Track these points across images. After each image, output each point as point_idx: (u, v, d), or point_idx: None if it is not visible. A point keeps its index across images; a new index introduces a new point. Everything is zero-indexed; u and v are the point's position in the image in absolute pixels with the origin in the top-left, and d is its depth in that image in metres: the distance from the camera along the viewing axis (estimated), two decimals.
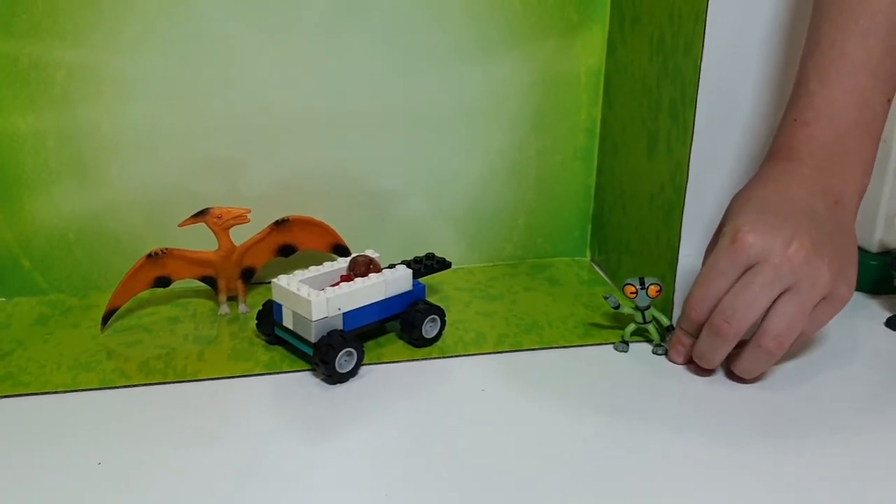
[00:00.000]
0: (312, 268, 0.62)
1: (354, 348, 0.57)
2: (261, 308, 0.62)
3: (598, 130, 0.75)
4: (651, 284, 0.60)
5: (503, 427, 0.52)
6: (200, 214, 0.64)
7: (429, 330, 0.61)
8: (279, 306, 0.60)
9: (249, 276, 0.68)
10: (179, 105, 0.67)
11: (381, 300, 0.61)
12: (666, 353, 0.60)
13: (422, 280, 0.65)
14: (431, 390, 0.57)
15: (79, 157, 0.67)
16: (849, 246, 0.58)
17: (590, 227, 0.78)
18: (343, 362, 0.57)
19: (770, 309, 0.54)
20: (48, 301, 0.69)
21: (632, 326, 0.62)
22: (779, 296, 0.54)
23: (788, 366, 0.60)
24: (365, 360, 0.59)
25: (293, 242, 0.69)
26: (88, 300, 0.69)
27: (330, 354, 0.56)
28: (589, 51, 0.72)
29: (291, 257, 0.69)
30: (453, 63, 0.70)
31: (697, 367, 0.58)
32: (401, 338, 0.63)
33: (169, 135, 0.68)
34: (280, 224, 0.67)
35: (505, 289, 0.72)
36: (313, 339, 0.57)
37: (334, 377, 0.57)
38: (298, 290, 0.58)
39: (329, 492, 0.46)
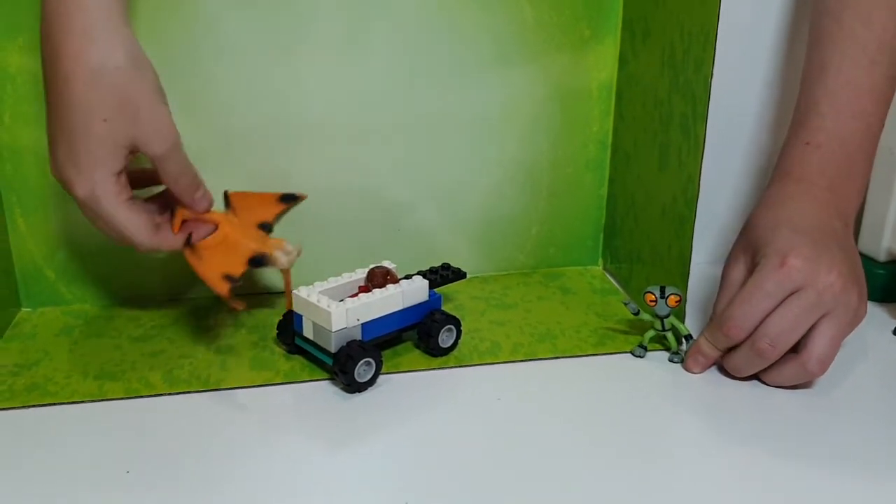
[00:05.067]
0: (331, 279, 0.63)
1: (373, 358, 0.58)
2: (281, 318, 0.63)
3: (609, 142, 0.76)
4: (671, 294, 0.61)
5: (519, 436, 0.53)
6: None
7: (445, 339, 0.63)
8: (299, 317, 0.61)
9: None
10: (197, 120, 0.68)
11: (399, 310, 0.62)
12: (682, 362, 0.62)
13: (437, 290, 0.66)
14: (448, 399, 0.58)
15: None
16: (860, 266, 0.60)
17: (602, 236, 0.80)
18: (362, 371, 0.58)
19: (811, 332, 0.56)
20: (72, 311, 0.71)
21: (651, 332, 0.63)
22: (818, 319, 0.56)
23: None
24: (383, 370, 0.60)
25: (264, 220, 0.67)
26: (111, 311, 0.70)
27: (349, 364, 0.57)
28: (601, 64, 0.74)
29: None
30: (468, 76, 0.72)
31: (712, 376, 0.60)
32: (417, 347, 0.64)
33: (188, 148, 0.69)
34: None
35: (518, 298, 0.73)
36: (333, 349, 0.58)
37: (353, 386, 0.58)
38: (318, 301, 0.59)
39: (349, 499, 0.47)
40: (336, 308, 0.58)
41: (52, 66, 0.55)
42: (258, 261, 0.61)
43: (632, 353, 0.64)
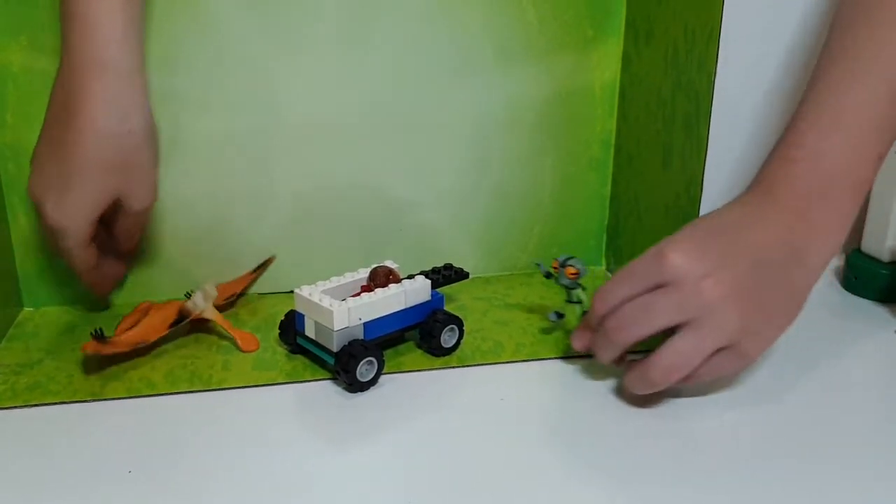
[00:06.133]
0: (334, 278, 0.63)
1: (375, 357, 0.58)
2: (283, 318, 0.63)
3: (613, 142, 0.76)
4: (569, 266, 0.62)
5: (522, 436, 0.53)
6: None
7: (447, 339, 0.63)
8: (301, 316, 0.61)
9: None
10: (202, 119, 0.68)
11: (401, 310, 0.62)
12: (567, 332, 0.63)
13: (440, 290, 0.66)
14: (451, 399, 0.58)
15: None
16: (785, 306, 0.54)
17: (605, 237, 0.79)
18: (364, 371, 0.58)
19: (668, 339, 0.53)
20: (74, 311, 0.71)
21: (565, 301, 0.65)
22: (682, 325, 0.52)
23: (797, 372, 0.61)
24: (385, 369, 0.60)
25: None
26: (114, 310, 0.70)
27: (351, 363, 0.57)
28: (604, 64, 0.74)
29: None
30: (472, 76, 0.72)
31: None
32: (420, 347, 0.64)
33: (192, 148, 0.69)
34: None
35: (521, 298, 0.73)
36: (335, 349, 0.58)
37: (355, 386, 0.58)
38: (320, 300, 0.59)
39: (351, 499, 0.47)
40: (338, 307, 0.58)
41: (64, 112, 0.58)
42: (178, 320, 0.64)
43: (548, 318, 0.65)
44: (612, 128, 0.76)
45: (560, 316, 0.65)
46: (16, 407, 0.56)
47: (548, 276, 0.65)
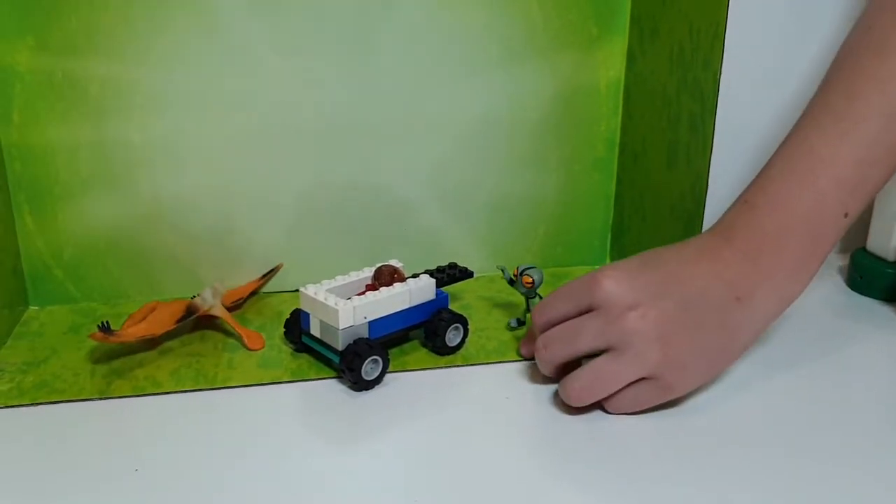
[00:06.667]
0: (339, 277, 0.63)
1: (380, 356, 0.58)
2: (288, 316, 0.63)
3: (617, 140, 0.76)
4: (524, 275, 0.64)
5: (527, 435, 0.53)
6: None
7: (452, 338, 0.63)
8: (306, 315, 0.61)
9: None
10: (207, 119, 0.68)
11: (406, 309, 0.62)
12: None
13: (444, 289, 0.66)
14: (456, 398, 0.58)
15: (110, 169, 0.68)
16: (718, 346, 0.54)
17: (609, 236, 0.79)
18: (369, 370, 0.58)
19: (590, 359, 0.54)
20: (80, 309, 0.71)
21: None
22: (606, 350, 0.53)
23: (802, 371, 0.60)
24: (389, 368, 0.60)
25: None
26: (119, 308, 0.70)
27: (356, 362, 0.57)
28: (609, 63, 0.74)
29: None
30: (476, 75, 0.72)
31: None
32: (424, 346, 0.64)
33: (197, 148, 0.69)
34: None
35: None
36: (340, 347, 0.58)
37: (360, 384, 0.58)
38: (325, 299, 0.59)
39: (356, 498, 0.47)
40: (343, 306, 0.58)
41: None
42: (186, 316, 0.64)
43: (507, 325, 0.67)
44: (616, 126, 0.76)
45: (521, 323, 0.67)
46: (22, 405, 0.56)
47: (511, 282, 0.66)
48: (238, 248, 0.72)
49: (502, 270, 0.66)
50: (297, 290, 0.73)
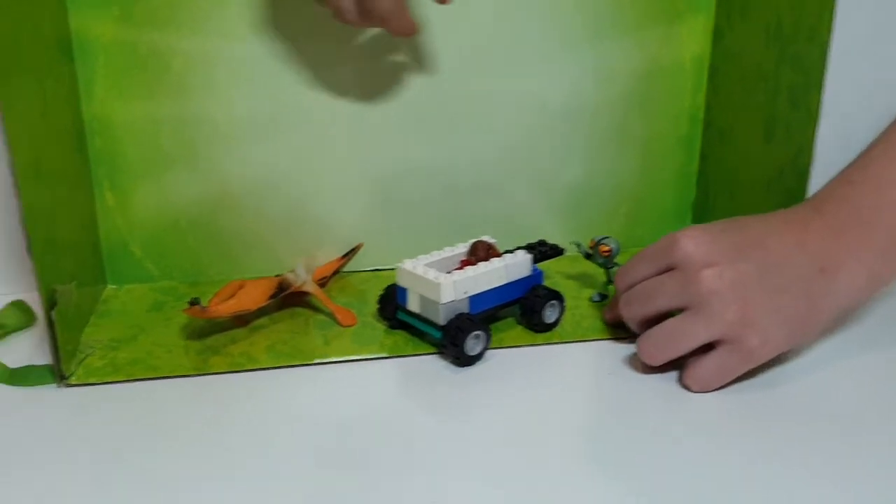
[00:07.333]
0: (434, 252, 0.62)
1: (483, 331, 0.57)
2: (382, 292, 0.62)
3: (701, 117, 0.75)
4: (601, 244, 0.64)
5: (633, 412, 0.52)
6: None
7: (549, 315, 0.61)
8: (403, 290, 0.60)
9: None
10: (291, 96, 0.67)
11: (504, 285, 0.60)
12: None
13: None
14: (557, 374, 0.57)
15: (192, 146, 0.67)
16: (800, 315, 0.53)
17: (690, 215, 0.78)
18: (472, 345, 0.57)
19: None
20: (159, 288, 0.69)
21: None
22: (684, 309, 0.53)
23: (850, 366, 0.58)
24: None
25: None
26: (200, 287, 0.69)
27: (459, 337, 0.56)
28: (694, 38, 0.72)
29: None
30: (562, 52, 0.70)
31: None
32: (519, 323, 0.63)
33: (279, 125, 0.68)
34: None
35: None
36: (441, 322, 0.57)
37: (463, 360, 0.57)
38: (426, 273, 0.58)
39: (462, 473, 0.46)
40: (445, 280, 0.57)
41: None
42: (278, 292, 0.62)
43: (590, 299, 0.66)
44: (701, 103, 0.74)
45: (603, 297, 0.66)
46: (118, 381, 0.55)
47: (587, 255, 0.66)
48: (317, 227, 0.71)
49: (577, 245, 0.66)
50: (376, 270, 0.72)
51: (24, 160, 0.51)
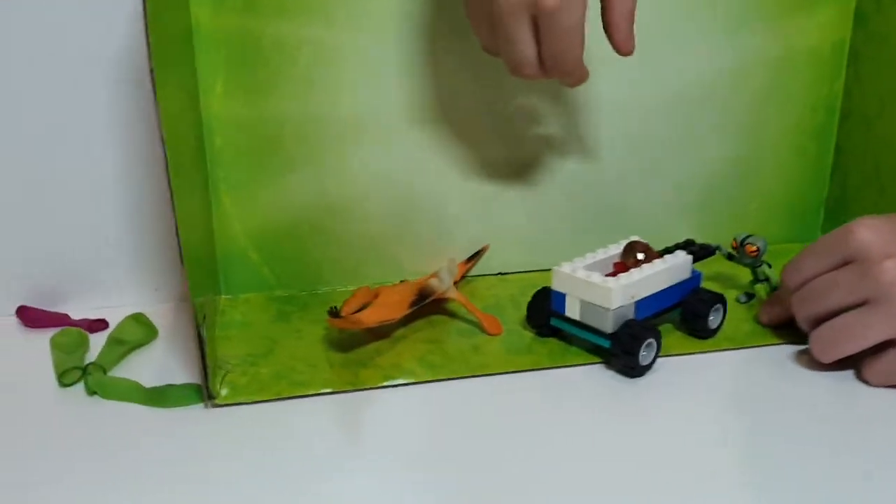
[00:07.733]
0: (588, 255, 0.58)
1: (654, 338, 0.53)
2: (531, 299, 0.58)
3: (838, 106, 0.71)
4: (747, 243, 0.60)
5: (817, 421, 0.49)
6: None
7: (713, 320, 0.58)
8: (561, 295, 0.56)
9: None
10: (419, 92, 0.63)
11: (666, 288, 0.57)
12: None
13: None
14: (733, 384, 0.53)
15: (318, 145, 0.63)
16: None
17: (822, 210, 0.74)
18: (645, 353, 0.53)
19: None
20: (277, 297, 0.65)
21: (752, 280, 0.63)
22: (863, 305, 0.49)
23: None
24: None
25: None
26: (321, 296, 0.65)
27: (633, 345, 0.52)
28: (834, 24, 0.69)
29: None
30: (698, 41, 0.67)
31: None
32: (679, 329, 0.59)
33: (406, 123, 0.64)
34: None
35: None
36: (609, 329, 0.53)
37: (637, 370, 0.53)
38: (590, 276, 0.54)
39: (642, 478, 0.42)
40: (615, 284, 0.53)
41: None
42: (419, 300, 0.58)
43: (736, 300, 0.63)
44: (839, 91, 0.71)
45: (750, 297, 0.63)
46: (266, 401, 0.51)
47: (730, 257, 0.62)
48: (440, 230, 0.67)
49: (718, 248, 0.62)
50: (500, 274, 0.68)
51: (174, 164, 0.47)
